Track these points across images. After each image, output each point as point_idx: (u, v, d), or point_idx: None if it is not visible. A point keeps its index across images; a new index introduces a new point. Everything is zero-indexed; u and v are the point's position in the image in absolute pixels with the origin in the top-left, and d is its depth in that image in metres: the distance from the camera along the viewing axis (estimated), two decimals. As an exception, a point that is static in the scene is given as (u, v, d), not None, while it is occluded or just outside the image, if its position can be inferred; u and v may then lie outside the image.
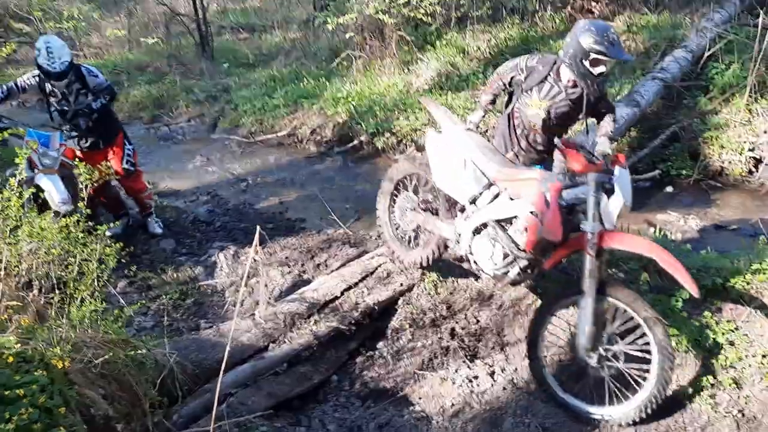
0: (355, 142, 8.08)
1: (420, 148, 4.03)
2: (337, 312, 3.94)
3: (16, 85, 4.91)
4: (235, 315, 3.52)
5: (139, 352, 2.78)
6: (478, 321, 3.95)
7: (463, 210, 3.63)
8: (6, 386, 2.15)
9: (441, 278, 4.24)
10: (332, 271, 4.44)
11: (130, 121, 10.28)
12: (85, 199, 3.19)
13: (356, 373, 3.79)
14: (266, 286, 4.61)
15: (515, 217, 3.27)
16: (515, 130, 3.97)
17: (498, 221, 3.36)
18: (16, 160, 2.76)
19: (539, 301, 3.75)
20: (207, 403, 3.19)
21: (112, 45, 14.45)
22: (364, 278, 4.21)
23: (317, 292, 4.05)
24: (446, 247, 3.90)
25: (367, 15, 9.04)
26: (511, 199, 3.31)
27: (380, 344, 3.98)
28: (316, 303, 3.96)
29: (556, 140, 3.15)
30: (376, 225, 4.44)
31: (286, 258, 5.13)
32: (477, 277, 4.13)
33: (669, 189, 6.16)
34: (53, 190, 4.52)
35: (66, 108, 5.00)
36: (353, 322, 3.90)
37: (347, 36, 9.69)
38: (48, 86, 4.89)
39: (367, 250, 4.97)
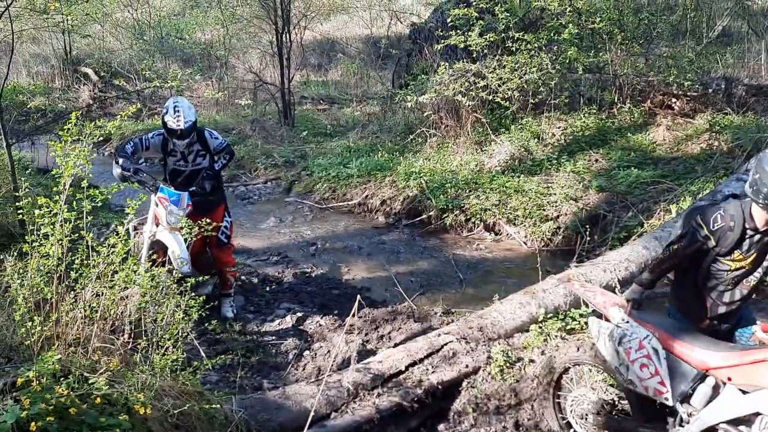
0: (424, 216, 8.19)
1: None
2: (400, 387, 3.91)
3: (141, 141, 5.05)
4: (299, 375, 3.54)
5: (213, 406, 2.82)
6: (544, 414, 3.82)
7: (672, 413, 3.01)
8: (92, 427, 2.23)
9: (508, 364, 4.16)
10: (397, 345, 4.42)
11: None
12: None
13: (416, 454, 3.71)
14: (329, 352, 4.64)
15: (757, 414, 2.63)
16: (708, 294, 3.16)
17: (731, 421, 2.72)
18: (127, 210, 2.95)
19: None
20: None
21: (203, 106, 15.34)
22: (429, 355, 4.17)
23: (382, 364, 4.04)
24: None
25: (445, 95, 9.33)
26: (743, 391, 2.70)
27: (441, 426, 3.90)
28: (380, 375, 3.94)
29: None
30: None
31: (351, 326, 5.15)
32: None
33: None
34: (176, 249, 4.57)
35: (183, 168, 5.12)
36: (416, 399, 3.85)
37: (424, 114, 9.99)
38: (170, 145, 5.02)
39: (432, 326, 4.95)
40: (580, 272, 4.92)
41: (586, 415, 3.41)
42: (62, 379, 2.37)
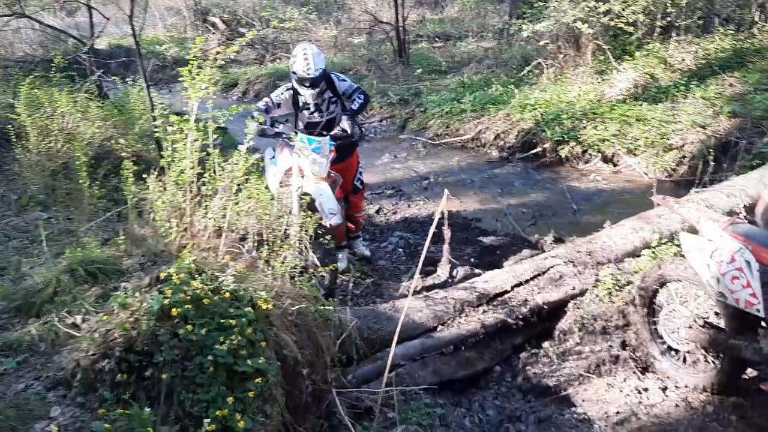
0: (538, 149, 8.04)
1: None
2: (505, 305, 4.02)
3: (271, 99, 4.76)
4: (410, 291, 3.75)
5: (327, 308, 3.10)
6: (639, 331, 3.78)
7: (763, 324, 2.99)
8: (222, 315, 2.56)
9: (617, 287, 4.12)
10: (505, 267, 4.51)
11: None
12: None
13: (519, 368, 3.84)
14: (438, 274, 4.82)
15: None
16: None
17: None
18: (245, 130, 3.20)
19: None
20: (378, 369, 3.47)
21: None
22: (535, 277, 4.22)
23: (488, 284, 4.16)
24: (744, 368, 3.26)
25: (563, 23, 8.92)
26: None
27: (546, 344, 3.98)
28: (485, 294, 4.07)
29: None
30: (637, 342, 3.67)
31: (461, 251, 5.30)
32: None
33: None
34: (325, 200, 4.33)
35: (317, 120, 4.81)
36: (521, 317, 3.95)
37: (541, 44, 9.63)
38: (301, 99, 4.71)
39: (541, 252, 4.98)
40: (701, 197, 4.68)
41: (679, 329, 3.39)
42: (197, 276, 2.72)
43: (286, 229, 3.27)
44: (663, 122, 7.23)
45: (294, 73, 4.59)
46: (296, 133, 4.52)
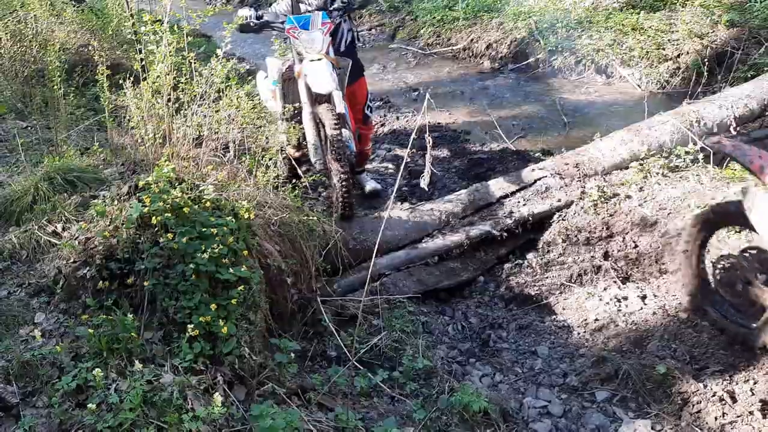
0: (531, 60, 7.83)
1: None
2: (491, 217, 4.03)
3: (264, 10, 4.23)
4: (389, 204, 3.74)
5: (311, 218, 3.09)
6: (636, 246, 3.83)
7: None
8: (203, 224, 2.53)
9: (603, 199, 4.12)
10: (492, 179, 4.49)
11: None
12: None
13: (503, 278, 3.90)
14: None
15: None
16: None
17: None
18: (224, 33, 3.05)
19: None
20: (363, 279, 3.51)
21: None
22: (521, 189, 4.21)
23: (473, 195, 4.15)
24: None
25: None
26: None
27: (530, 255, 4.02)
28: (471, 204, 4.07)
29: None
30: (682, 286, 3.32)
31: (448, 163, 5.26)
32: (643, 203, 3.97)
33: None
34: (315, 71, 3.71)
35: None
36: (506, 228, 3.97)
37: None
38: (302, 6, 4.18)
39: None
40: (692, 109, 4.62)
41: (736, 283, 3.07)
42: (177, 185, 2.67)
43: (267, 139, 3.20)
44: (660, 31, 7.01)
45: None
46: (283, 19, 3.93)
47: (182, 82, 2.93)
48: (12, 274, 2.63)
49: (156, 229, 2.47)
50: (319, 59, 3.76)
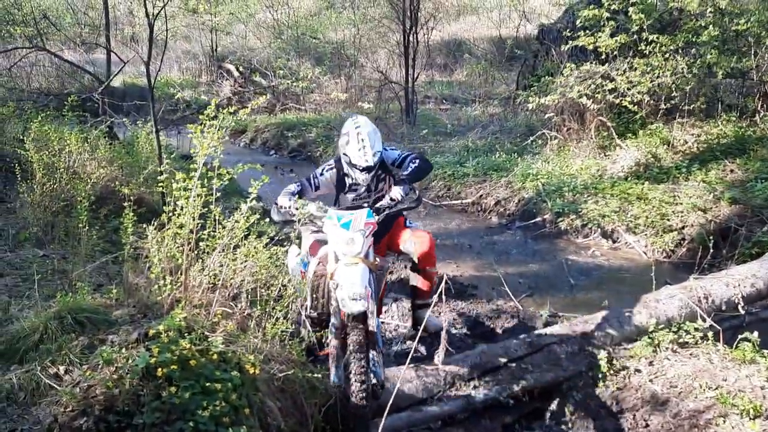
0: (538, 219, 8.07)
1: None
2: (497, 382, 3.94)
3: (310, 181, 4.13)
4: (404, 368, 3.69)
5: (315, 376, 3.04)
6: (647, 425, 3.70)
7: None
8: (208, 378, 2.51)
9: (612, 372, 4.05)
10: (497, 340, 4.45)
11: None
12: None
13: (508, 450, 3.74)
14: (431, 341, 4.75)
15: None
16: None
17: None
18: (250, 190, 3.19)
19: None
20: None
21: (330, 103, 16.06)
22: (528, 354, 4.16)
23: (480, 358, 4.09)
24: None
25: (569, 98, 9.11)
26: None
27: (536, 425, 3.89)
28: (477, 367, 4.00)
29: None
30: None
31: (454, 320, 5.25)
32: (654, 379, 3.90)
33: None
34: (347, 281, 3.23)
35: (365, 201, 4.12)
36: (512, 395, 3.87)
37: (546, 116, 9.81)
38: (348, 180, 4.10)
39: (536, 328, 4.94)
40: (699, 284, 4.67)
41: None
42: (186, 335, 2.68)
43: (280, 289, 3.24)
44: (663, 202, 7.27)
45: (345, 155, 3.94)
46: (326, 211, 3.68)
47: (205, 234, 3.03)
48: (6, 417, 2.55)
49: (160, 381, 2.44)
50: (356, 263, 3.36)
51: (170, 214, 3.04)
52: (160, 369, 2.43)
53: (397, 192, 3.92)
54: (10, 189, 5.80)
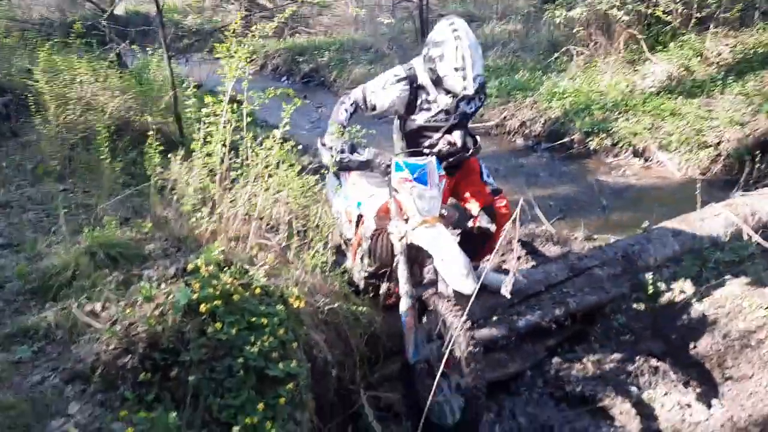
0: (566, 140, 7.80)
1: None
2: (539, 306, 3.84)
3: (364, 99, 3.16)
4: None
5: (360, 308, 2.93)
6: (695, 347, 3.61)
7: None
8: (253, 313, 2.39)
9: (656, 292, 3.93)
10: (538, 265, 4.32)
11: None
12: None
13: (551, 373, 3.66)
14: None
15: None
16: None
17: None
18: (282, 114, 2.92)
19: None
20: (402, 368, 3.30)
21: (340, 25, 15.46)
22: (569, 278, 4.04)
23: (520, 283, 3.97)
24: None
25: (597, 9, 8.61)
26: None
27: (580, 349, 3.81)
28: (518, 294, 3.89)
29: None
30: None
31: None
32: (700, 299, 3.78)
33: None
34: (449, 257, 2.80)
35: (440, 124, 3.29)
36: (554, 320, 3.77)
37: (572, 30, 9.33)
38: (423, 96, 3.18)
39: (572, 251, 4.80)
40: (745, 202, 4.47)
41: None
42: (226, 269, 2.55)
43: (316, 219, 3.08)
44: (699, 117, 6.98)
45: (433, 70, 3.02)
46: (386, 157, 3.01)
47: (237, 163, 2.85)
48: (46, 356, 2.47)
49: (203, 317, 2.33)
50: (434, 225, 2.89)
51: (200, 141, 2.85)
52: (202, 305, 2.31)
53: (457, 135, 3.28)
54: (24, 123, 5.60)
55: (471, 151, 3.36)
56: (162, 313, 2.35)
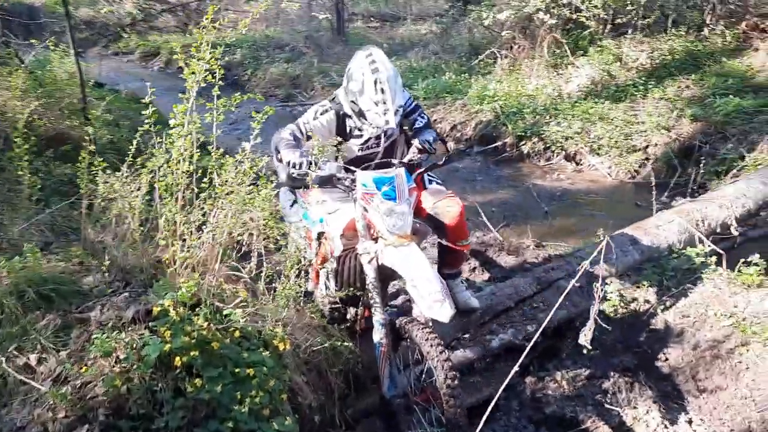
0: (499, 143, 7.77)
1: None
2: (511, 324, 3.68)
3: (299, 126, 3.06)
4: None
5: (343, 344, 2.61)
6: (666, 359, 3.57)
7: None
8: (237, 364, 2.03)
9: (623, 304, 3.88)
10: (503, 280, 4.17)
11: (266, 98, 10.45)
12: None
13: (527, 394, 3.50)
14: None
15: None
16: None
17: None
18: (252, 124, 2.57)
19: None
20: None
21: (253, 21, 14.83)
22: (538, 292, 3.91)
23: (490, 299, 3.80)
24: None
25: (524, 13, 8.67)
26: None
27: (551, 365, 3.67)
28: (489, 310, 3.71)
29: None
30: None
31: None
32: (664, 309, 3.76)
33: None
34: (422, 281, 2.59)
35: (373, 150, 3.19)
36: (528, 337, 3.62)
37: (499, 33, 9.36)
38: (350, 123, 3.11)
39: (527, 260, 4.71)
40: (695, 207, 4.54)
41: None
42: (195, 308, 2.15)
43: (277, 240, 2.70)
44: (626, 122, 7.15)
45: (355, 103, 2.97)
46: (350, 174, 2.83)
47: (204, 183, 2.43)
48: (-29, 427, 1.98)
49: (178, 371, 1.94)
50: (407, 244, 2.69)
51: (151, 153, 2.42)
52: (177, 357, 1.92)
53: (425, 141, 3.05)
54: None
55: (444, 159, 3.15)
56: (126, 370, 1.93)
